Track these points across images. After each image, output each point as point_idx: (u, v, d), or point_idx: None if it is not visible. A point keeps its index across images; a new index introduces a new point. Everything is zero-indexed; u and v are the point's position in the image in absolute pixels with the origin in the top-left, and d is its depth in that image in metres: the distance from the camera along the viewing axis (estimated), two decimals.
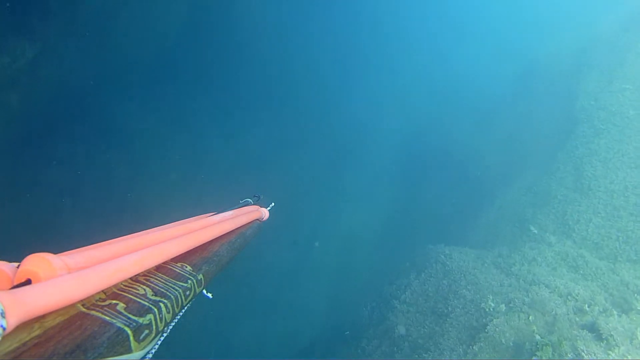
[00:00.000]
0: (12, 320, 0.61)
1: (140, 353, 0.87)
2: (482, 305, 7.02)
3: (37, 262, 0.77)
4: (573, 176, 9.52)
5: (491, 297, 7.07)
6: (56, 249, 0.87)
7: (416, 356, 7.13)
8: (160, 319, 0.95)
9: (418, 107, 20.64)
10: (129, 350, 0.82)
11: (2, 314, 0.58)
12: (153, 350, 0.96)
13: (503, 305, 6.86)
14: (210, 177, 12.94)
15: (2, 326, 0.58)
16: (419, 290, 8.31)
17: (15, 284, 0.75)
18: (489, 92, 16.77)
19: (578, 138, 10.07)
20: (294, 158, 16.74)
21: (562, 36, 14.89)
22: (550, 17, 19.87)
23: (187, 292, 1.13)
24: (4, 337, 0.63)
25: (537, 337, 6.01)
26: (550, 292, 6.92)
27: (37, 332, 0.69)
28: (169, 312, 1.00)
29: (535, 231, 9.02)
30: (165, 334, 1.05)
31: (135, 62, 12.48)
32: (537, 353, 5.76)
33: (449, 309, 7.41)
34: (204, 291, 1.41)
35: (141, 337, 0.86)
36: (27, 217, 8.86)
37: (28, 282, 0.74)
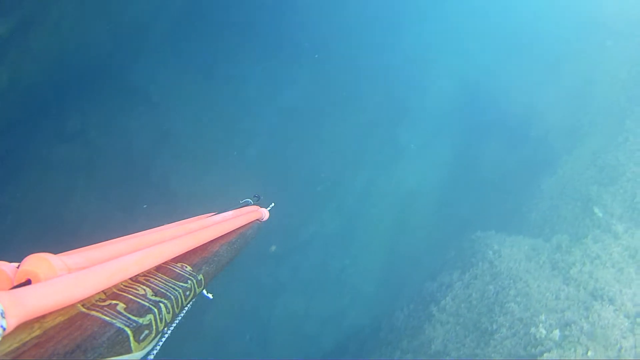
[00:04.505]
0: (12, 321, 0.61)
1: (140, 353, 0.87)
2: (532, 329, 5.92)
3: (37, 262, 0.77)
4: None
5: (544, 316, 6.03)
6: (56, 249, 0.87)
7: None
8: (160, 320, 0.95)
9: (473, 58, 19.22)
10: (129, 351, 0.82)
11: (2, 314, 0.58)
12: (154, 351, 0.97)
13: (557, 330, 5.79)
14: (251, 128, 12.25)
15: (2, 326, 0.58)
16: (462, 295, 7.34)
17: (15, 284, 0.75)
18: (549, 44, 15.47)
19: None
20: (338, 113, 15.54)
21: None
22: None
23: (187, 293, 1.13)
24: (4, 338, 0.63)
25: None
26: (615, 311, 5.83)
27: (37, 333, 0.69)
28: (169, 313, 1.00)
29: (600, 214, 7.89)
30: (166, 335, 1.05)
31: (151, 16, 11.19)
32: None
33: (494, 326, 6.39)
34: (204, 291, 1.42)
35: (141, 338, 0.86)
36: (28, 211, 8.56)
37: (28, 282, 0.74)
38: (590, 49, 12.55)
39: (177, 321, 1.11)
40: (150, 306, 0.94)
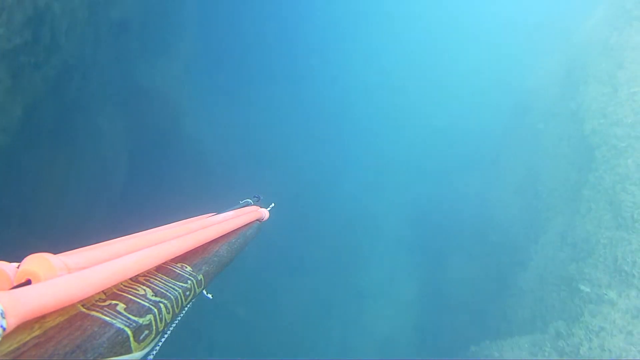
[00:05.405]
0: (12, 321, 0.60)
1: (140, 353, 0.87)
2: None
3: (37, 262, 0.77)
4: (610, 212, 7.95)
5: None
6: (56, 249, 0.87)
7: None
8: (160, 320, 0.95)
9: (417, 178, 19.27)
10: (129, 351, 0.82)
11: (2, 314, 0.58)
12: (154, 352, 0.96)
13: None
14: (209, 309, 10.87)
15: (2, 326, 0.58)
16: None
17: (15, 284, 0.75)
18: (487, 141, 15.38)
19: (600, 166, 8.47)
20: (294, 262, 15.04)
21: (546, 58, 13.48)
22: (528, 42, 17.62)
23: (187, 293, 1.13)
24: (4, 338, 0.63)
25: None
26: None
27: (37, 333, 0.69)
28: (169, 313, 1.00)
29: (588, 289, 7.55)
30: (166, 335, 1.05)
31: None
32: None
33: None
34: (205, 292, 1.41)
35: (141, 338, 0.86)
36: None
37: (28, 282, 0.74)
38: (525, 137, 12.53)
39: (177, 321, 1.11)
40: (150, 306, 0.94)
